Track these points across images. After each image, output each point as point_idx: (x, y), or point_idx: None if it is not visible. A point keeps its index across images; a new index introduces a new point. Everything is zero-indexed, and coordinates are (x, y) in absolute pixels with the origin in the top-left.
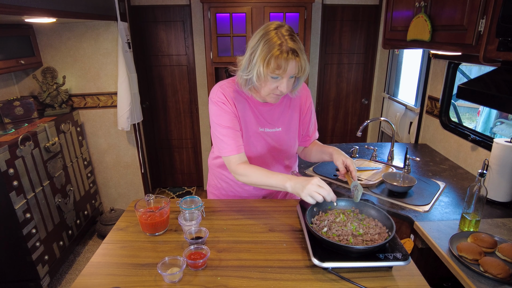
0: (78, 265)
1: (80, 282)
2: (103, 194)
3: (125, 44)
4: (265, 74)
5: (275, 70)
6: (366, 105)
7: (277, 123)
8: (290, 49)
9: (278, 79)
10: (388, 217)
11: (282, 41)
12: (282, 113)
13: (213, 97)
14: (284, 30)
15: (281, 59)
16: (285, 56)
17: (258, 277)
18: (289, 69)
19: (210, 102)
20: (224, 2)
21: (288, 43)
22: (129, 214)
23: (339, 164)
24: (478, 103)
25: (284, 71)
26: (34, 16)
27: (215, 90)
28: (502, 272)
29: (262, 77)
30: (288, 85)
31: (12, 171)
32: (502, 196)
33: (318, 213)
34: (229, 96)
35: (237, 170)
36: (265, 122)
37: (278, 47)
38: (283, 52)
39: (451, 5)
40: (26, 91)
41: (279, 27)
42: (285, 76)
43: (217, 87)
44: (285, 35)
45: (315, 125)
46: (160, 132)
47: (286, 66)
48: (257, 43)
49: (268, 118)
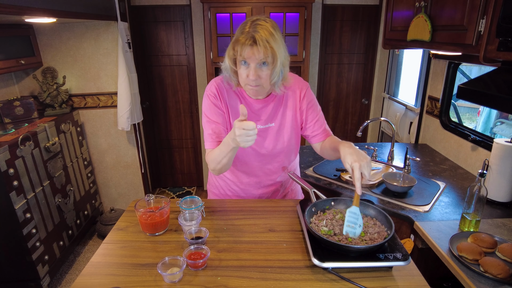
0: (78, 265)
1: (80, 282)
2: (103, 194)
3: (125, 44)
4: (230, 62)
5: (239, 54)
6: (366, 105)
7: (270, 119)
8: (251, 37)
9: (248, 66)
10: (386, 216)
11: (250, 30)
12: (275, 109)
13: (207, 89)
14: (261, 21)
15: (242, 45)
16: (245, 42)
17: (258, 277)
18: (246, 54)
19: (204, 94)
20: (224, 2)
21: (256, 31)
22: (129, 214)
23: (347, 167)
24: (478, 103)
25: (248, 57)
26: (34, 16)
27: (210, 83)
28: (502, 272)
29: (229, 66)
30: (258, 74)
31: (12, 171)
32: (502, 196)
33: (316, 212)
34: (222, 91)
35: (206, 160)
36: (257, 120)
37: (243, 34)
38: (246, 39)
39: (451, 5)
40: (26, 91)
41: (257, 19)
42: (250, 62)
43: (213, 81)
44: (258, 24)
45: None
46: (160, 132)
47: (246, 51)
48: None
49: (261, 115)
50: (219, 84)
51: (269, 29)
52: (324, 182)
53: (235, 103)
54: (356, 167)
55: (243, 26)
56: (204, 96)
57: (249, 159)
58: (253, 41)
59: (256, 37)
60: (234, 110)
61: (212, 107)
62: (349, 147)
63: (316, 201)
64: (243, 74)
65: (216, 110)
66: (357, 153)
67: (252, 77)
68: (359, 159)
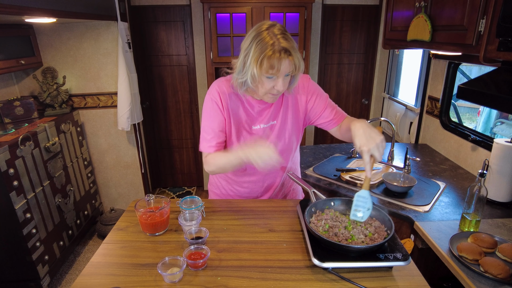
0: (78, 265)
1: (80, 282)
2: (103, 194)
3: (125, 44)
4: (259, 75)
5: (269, 70)
6: (366, 105)
7: (272, 118)
8: (282, 48)
9: (273, 79)
10: (386, 216)
11: (274, 40)
12: (277, 108)
13: (210, 93)
14: (276, 29)
15: (274, 59)
16: (278, 55)
17: (258, 277)
18: (283, 68)
19: (206, 97)
20: (224, 2)
21: (281, 42)
22: (129, 214)
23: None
24: (478, 103)
25: (278, 71)
26: (34, 16)
27: (213, 87)
28: (502, 272)
29: (257, 78)
30: (284, 84)
31: (12, 171)
32: (502, 196)
33: (316, 212)
34: (224, 96)
35: (206, 161)
36: (260, 120)
37: (270, 47)
38: (275, 52)
39: (451, 5)
40: (26, 91)
41: (271, 27)
42: (279, 76)
43: (215, 85)
44: (277, 34)
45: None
46: (160, 132)
47: (279, 66)
48: (249, 44)
49: (263, 115)
50: (221, 88)
51: (288, 36)
52: (324, 182)
53: (236, 106)
54: (364, 151)
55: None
56: (206, 99)
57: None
58: (287, 53)
59: (288, 49)
60: (235, 113)
61: (214, 113)
62: (360, 127)
63: (316, 201)
64: (268, 85)
65: (218, 116)
66: (366, 134)
67: (281, 88)
68: (368, 142)
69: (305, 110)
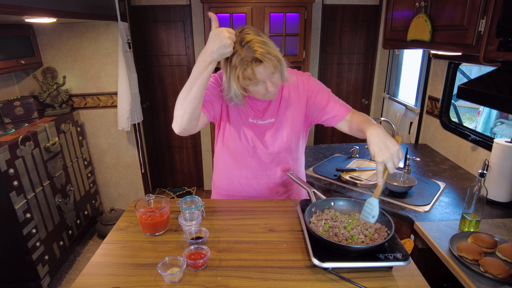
0: (78, 265)
1: (80, 282)
2: (103, 194)
3: (125, 44)
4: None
5: (247, 81)
6: (366, 105)
7: (270, 115)
8: (253, 59)
9: (261, 84)
10: (386, 216)
11: (244, 53)
12: (276, 106)
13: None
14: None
15: (248, 70)
16: (250, 66)
17: (258, 277)
18: (260, 75)
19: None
20: (224, 2)
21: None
22: (129, 214)
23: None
24: (478, 103)
25: (256, 79)
26: (34, 16)
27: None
28: (502, 272)
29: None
30: (274, 82)
31: (12, 171)
32: (502, 196)
33: (316, 212)
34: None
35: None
36: (257, 113)
37: (242, 60)
38: (248, 63)
39: (451, 5)
40: (26, 91)
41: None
42: (264, 80)
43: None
44: (247, 41)
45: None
46: (160, 132)
47: (255, 74)
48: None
49: (261, 109)
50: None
51: (258, 39)
52: (324, 182)
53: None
54: (378, 162)
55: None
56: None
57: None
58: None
59: (258, 57)
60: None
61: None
62: (376, 135)
63: (315, 201)
64: (260, 90)
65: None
66: (381, 144)
67: (272, 89)
68: (382, 152)
69: (306, 108)
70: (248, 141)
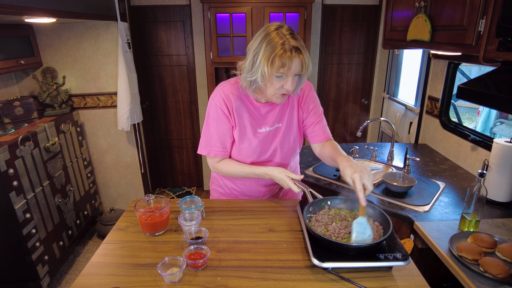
0: (78, 265)
1: (80, 282)
2: (103, 194)
3: (125, 44)
4: (270, 74)
5: (280, 68)
6: (366, 105)
7: (277, 121)
8: (293, 47)
9: (283, 78)
10: (383, 214)
11: (284, 40)
12: (282, 111)
13: (214, 99)
14: (285, 30)
15: (285, 57)
16: (289, 54)
17: (258, 277)
18: (293, 67)
19: (210, 103)
20: (224, 2)
21: (290, 41)
22: (129, 214)
23: (348, 180)
24: (478, 103)
25: (289, 69)
26: (34, 16)
27: (217, 92)
28: (502, 272)
29: (267, 77)
30: (293, 83)
31: (12, 171)
32: (502, 196)
33: (314, 212)
34: (229, 102)
35: (218, 166)
36: (264, 123)
37: (281, 46)
38: (286, 51)
39: (451, 5)
40: (26, 91)
41: (279, 27)
42: (289, 74)
43: (219, 89)
44: (286, 34)
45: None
46: (160, 132)
47: (290, 64)
48: (259, 44)
49: (268, 117)
50: (225, 93)
51: (297, 36)
52: (324, 182)
53: (241, 109)
54: (356, 178)
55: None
56: (211, 104)
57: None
58: (297, 52)
59: (299, 47)
60: (240, 116)
61: (219, 118)
62: (348, 161)
63: (312, 200)
64: (277, 84)
65: (224, 122)
66: (356, 165)
67: (290, 88)
68: (360, 170)
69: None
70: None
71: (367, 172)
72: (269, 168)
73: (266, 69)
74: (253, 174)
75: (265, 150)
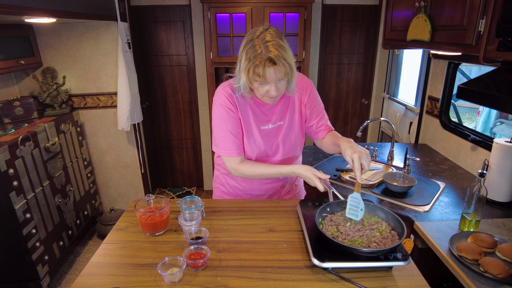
0: (78, 265)
1: (80, 282)
2: (103, 194)
3: (125, 44)
4: (249, 82)
5: (256, 77)
6: (366, 105)
7: (279, 118)
8: (268, 58)
9: (265, 84)
10: (398, 219)
11: (262, 50)
12: (284, 108)
13: (218, 99)
14: (268, 36)
15: (260, 68)
16: (263, 65)
17: (258, 277)
18: (269, 76)
19: (215, 104)
20: (224, 2)
21: (269, 51)
22: (129, 214)
23: (347, 159)
24: (478, 103)
25: (265, 78)
26: (34, 16)
27: (220, 93)
28: (502, 272)
29: (247, 85)
30: (278, 88)
31: (12, 171)
32: (502, 196)
33: (332, 212)
34: (233, 100)
35: (240, 168)
36: (267, 120)
37: (257, 57)
38: (261, 61)
39: (451, 5)
40: (26, 91)
41: (263, 33)
42: (270, 82)
43: (222, 90)
44: (268, 40)
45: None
46: (160, 132)
47: (265, 74)
48: (242, 52)
49: (270, 115)
50: (227, 92)
51: (279, 43)
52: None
53: (244, 107)
54: (355, 157)
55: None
56: (216, 106)
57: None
58: (271, 62)
59: (273, 58)
60: (244, 113)
61: (227, 116)
62: (348, 142)
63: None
64: (262, 90)
65: (232, 118)
66: (356, 146)
67: (274, 94)
68: (358, 151)
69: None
70: (259, 146)
71: (366, 153)
72: (295, 166)
73: (245, 78)
74: (279, 174)
75: (269, 147)
